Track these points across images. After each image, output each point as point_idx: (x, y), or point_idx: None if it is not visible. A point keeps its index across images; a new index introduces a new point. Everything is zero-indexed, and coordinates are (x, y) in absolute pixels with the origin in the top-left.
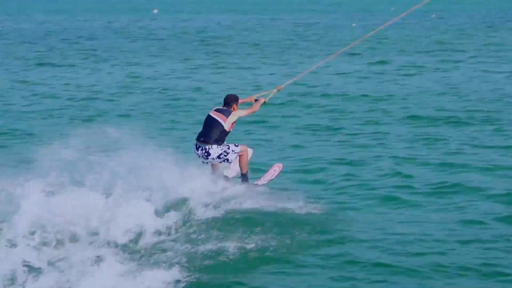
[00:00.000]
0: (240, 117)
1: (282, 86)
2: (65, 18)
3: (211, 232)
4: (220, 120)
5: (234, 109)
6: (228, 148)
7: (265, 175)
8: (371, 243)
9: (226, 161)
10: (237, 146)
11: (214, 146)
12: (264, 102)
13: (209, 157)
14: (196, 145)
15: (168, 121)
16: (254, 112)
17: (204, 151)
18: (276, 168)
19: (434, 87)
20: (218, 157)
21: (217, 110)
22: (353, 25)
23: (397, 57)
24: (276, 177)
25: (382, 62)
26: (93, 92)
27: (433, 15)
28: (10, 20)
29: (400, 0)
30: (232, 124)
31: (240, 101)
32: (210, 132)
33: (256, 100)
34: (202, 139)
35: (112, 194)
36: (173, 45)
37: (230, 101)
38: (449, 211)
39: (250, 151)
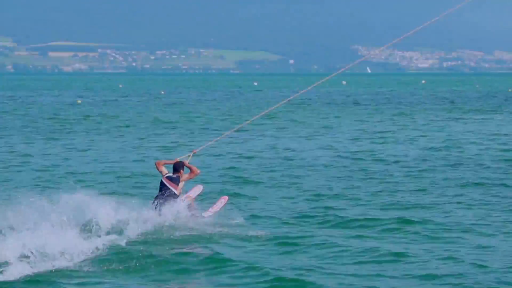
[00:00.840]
0: (186, 181)
1: (197, 150)
2: None
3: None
4: (172, 188)
5: (181, 173)
6: (176, 203)
7: (212, 207)
8: None
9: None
10: (183, 201)
11: (167, 205)
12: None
13: (161, 212)
14: (153, 203)
15: None
16: (196, 175)
17: (159, 209)
18: (223, 200)
19: None
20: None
21: (168, 178)
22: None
23: None
24: (221, 209)
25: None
26: None
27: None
28: None
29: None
30: (182, 185)
31: (164, 162)
32: (164, 197)
33: (180, 162)
34: (157, 201)
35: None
36: None
37: (178, 168)
38: None
39: (200, 188)
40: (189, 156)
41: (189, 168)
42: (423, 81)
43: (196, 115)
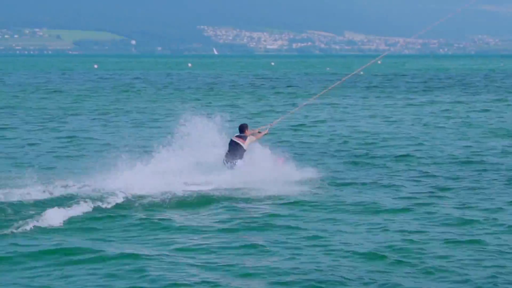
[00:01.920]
0: (252, 141)
1: (274, 123)
2: None
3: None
4: (240, 143)
5: (247, 133)
6: (243, 163)
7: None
8: None
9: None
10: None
11: (239, 160)
12: (266, 133)
13: (235, 166)
14: (224, 160)
15: None
16: (259, 139)
17: (232, 163)
18: (279, 162)
19: None
20: (240, 167)
21: (237, 136)
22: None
23: None
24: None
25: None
26: None
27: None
28: None
29: None
30: (249, 143)
31: (250, 131)
32: (235, 152)
33: (259, 132)
34: (228, 157)
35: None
36: None
37: (243, 128)
38: None
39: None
40: (267, 127)
41: (258, 133)
42: (272, 63)
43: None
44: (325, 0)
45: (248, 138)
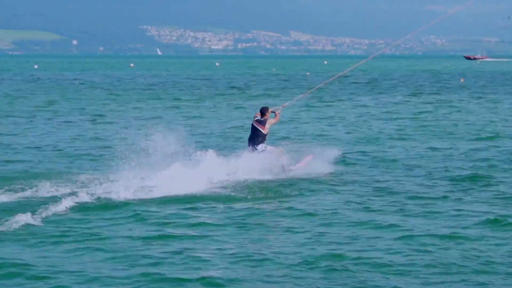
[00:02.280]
0: (271, 124)
1: (286, 104)
2: None
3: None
4: (260, 129)
5: (266, 116)
6: (266, 147)
7: (299, 162)
8: None
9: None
10: (269, 146)
11: (260, 144)
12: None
13: (256, 150)
14: (248, 144)
15: None
16: (277, 121)
17: (253, 147)
18: (309, 158)
19: None
20: (262, 150)
21: (257, 121)
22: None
23: None
24: (306, 165)
25: None
26: None
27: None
28: None
29: None
30: (268, 126)
31: (271, 109)
32: (255, 137)
33: (273, 112)
34: (250, 141)
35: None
36: None
37: (264, 111)
38: None
39: (276, 149)
40: (279, 108)
41: (274, 113)
42: (217, 64)
43: None
44: None
45: (267, 122)
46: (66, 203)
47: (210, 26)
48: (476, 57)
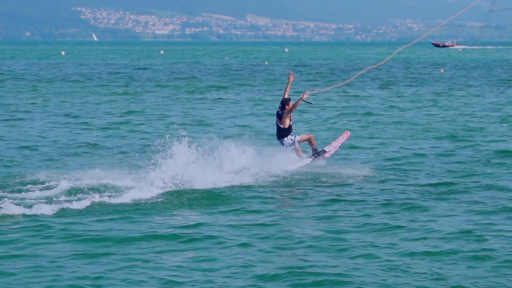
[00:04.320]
0: (289, 114)
1: (310, 91)
2: None
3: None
4: (278, 124)
5: (286, 108)
6: (294, 138)
7: (335, 141)
8: None
9: (294, 144)
10: (298, 135)
11: (285, 138)
12: (300, 100)
13: (284, 145)
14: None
15: None
16: (296, 107)
17: (280, 141)
18: (345, 135)
19: None
20: (290, 144)
21: (277, 115)
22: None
23: None
24: (343, 143)
25: None
26: None
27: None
28: None
29: None
30: (287, 120)
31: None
32: (277, 131)
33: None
34: (277, 136)
35: None
36: None
37: (284, 103)
38: None
39: (305, 136)
40: (304, 94)
41: (288, 85)
42: (161, 51)
43: None
44: None
45: (284, 115)
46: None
47: (154, 9)
48: (446, 44)
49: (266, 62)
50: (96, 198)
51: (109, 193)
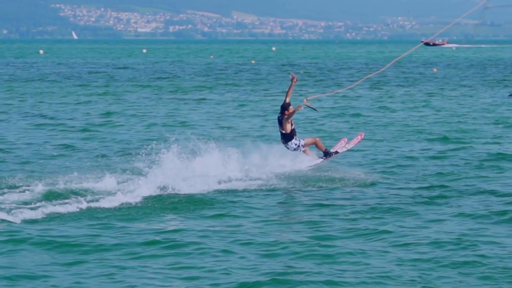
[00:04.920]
0: (289, 119)
1: (310, 98)
2: None
3: None
4: (280, 129)
5: (286, 114)
6: (299, 142)
7: (349, 143)
8: None
9: (299, 148)
10: (303, 139)
11: (289, 143)
12: (299, 109)
13: (289, 149)
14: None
15: None
16: (294, 113)
17: (285, 146)
18: (359, 137)
19: None
20: (294, 149)
21: (277, 120)
22: None
23: None
24: (356, 144)
25: None
26: None
27: None
28: None
29: None
30: (288, 125)
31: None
32: (281, 135)
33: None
34: (281, 140)
35: None
36: None
37: (284, 109)
38: None
39: (310, 140)
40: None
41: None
42: (144, 50)
43: None
44: None
45: (284, 121)
46: None
47: (136, 6)
48: (436, 42)
49: (253, 61)
50: (73, 202)
51: (87, 197)
